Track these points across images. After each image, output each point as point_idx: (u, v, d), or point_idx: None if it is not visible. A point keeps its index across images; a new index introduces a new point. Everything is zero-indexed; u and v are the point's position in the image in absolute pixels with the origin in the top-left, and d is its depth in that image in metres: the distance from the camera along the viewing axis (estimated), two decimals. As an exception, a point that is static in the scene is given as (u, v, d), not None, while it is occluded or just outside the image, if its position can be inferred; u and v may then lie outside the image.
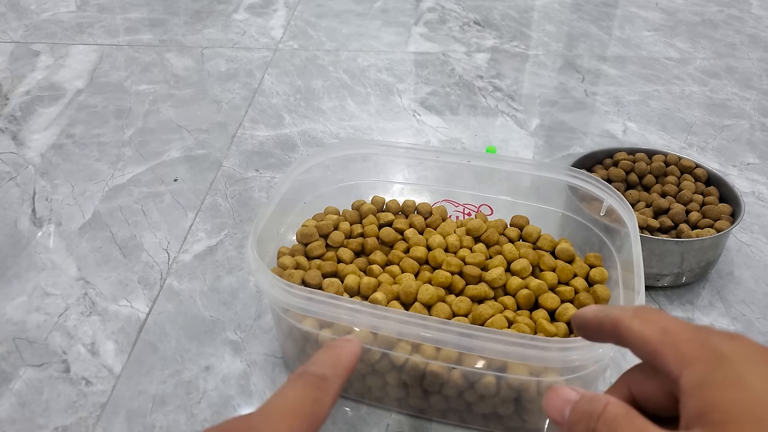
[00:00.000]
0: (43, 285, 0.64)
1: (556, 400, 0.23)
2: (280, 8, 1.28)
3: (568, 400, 0.23)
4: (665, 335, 0.22)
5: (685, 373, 0.21)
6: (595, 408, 0.21)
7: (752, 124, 0.93)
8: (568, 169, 0.57)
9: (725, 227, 0.62)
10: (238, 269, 0.66)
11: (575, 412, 0.22)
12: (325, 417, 0.26)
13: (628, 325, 0.23)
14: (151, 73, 1.03)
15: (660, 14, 1.28)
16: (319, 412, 0.26)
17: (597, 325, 0.25)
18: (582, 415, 0.22)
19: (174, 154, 0.84)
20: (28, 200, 0.75)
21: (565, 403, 0.23)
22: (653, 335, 0.22)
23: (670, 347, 0.22)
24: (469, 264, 0.53)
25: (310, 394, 0.26)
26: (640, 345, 0.23)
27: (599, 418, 0.21)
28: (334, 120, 0.92)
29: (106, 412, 0.52)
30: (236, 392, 0.53)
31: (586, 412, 0.21)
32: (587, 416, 0.21)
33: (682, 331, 0.22)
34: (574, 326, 0.27)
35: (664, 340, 0.22)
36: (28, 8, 1.26)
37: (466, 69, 1.06)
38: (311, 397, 0.26)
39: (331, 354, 0.29)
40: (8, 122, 0.90)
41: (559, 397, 0.23)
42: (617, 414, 0.21)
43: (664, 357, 0.22)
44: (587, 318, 0.26)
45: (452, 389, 0.47)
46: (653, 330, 0.22)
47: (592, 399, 0.22)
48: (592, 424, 0.21)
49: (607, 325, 0.24)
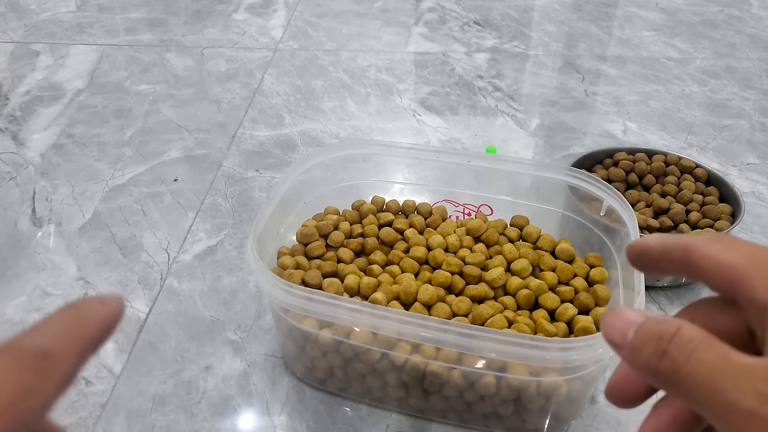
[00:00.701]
0: (43, 285, 0.64)
1: (619, 322, 0.20)
2: (280, 8, 1.28)
3: (632, 322, 0.20)
4: (755, 259, 0.20)
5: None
6: (666, 329, 0.19)
7: (752, 124, 0.93)
8: (568, 169, 0.57)
9: (725, 227, 0.62)
10: (238, 269, 0.66)
11: (641, 333, 0.20)
12: (45, 411, 0.18)
13: (705, 251, 0.21)
14: (151, 73, 1.03)
15: (660, 14, 1.28)
16: (32, 407, 0.18)
17: (660, 252, 0.22)
18: (650, 336, 0.19)
19: (174, 154, 0.84)
20: (28, 200, 0.75)
21: (629, 324, 0.20)
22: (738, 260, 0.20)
23: (760, 272, 0.19)
24: (469, 264, 0.53)
25: (16, 381, 0.18)
26: (721, 271, 0.20)
27: (672, 339, 0.19)
28: (334, 120, 0.92)
29: (106, 412, 0.52)
30: (236, 392, 0.53)
31: (655, 334, 0.19)
32: (657, 337, 0.19)
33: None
34: (629, 256, 0.24)
35: (751, 264, 0.20)
36: (28, 8, 1.26)
37: (466, 69, 1.06)
38: (19, 386, 0.17)
39: (66, 319, 0.20)
40: (8, 122, 0.90)
41: (620, 319, 0.20)
42: (694, 336, 0.18)
43: (752, 281, 0.19)
44: (650, 246, 0.23)
45: (452, 389, 0.47)
46: (739, 255, 0.20)
47: (663, 321, 0.19)
48: (663, 345, 0.19)
49: (675, 252, 0.22)
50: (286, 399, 0.53)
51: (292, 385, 0.54)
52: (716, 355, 0.18)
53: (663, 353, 0.19)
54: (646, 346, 0.19)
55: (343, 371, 0.50)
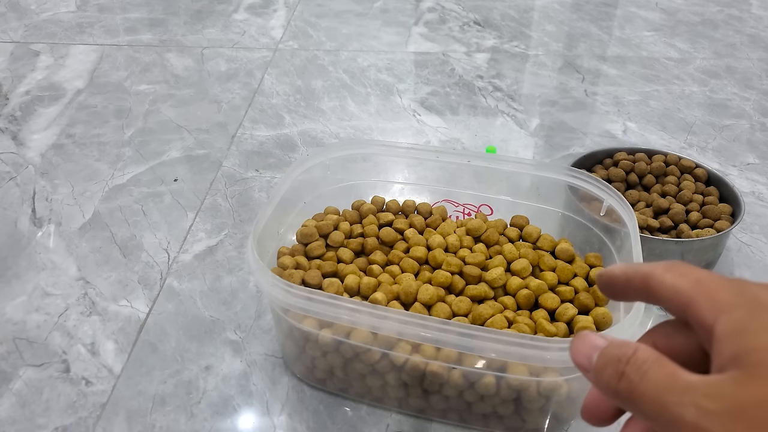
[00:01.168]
0: (43, 285, 0.64)
1: (584, 347, 0.23)
2: (280, 8, 1.28)
3: (596, 346, 0.22)
4: (700, 285, 0.22)
5: (721, 320, 0.20)
6: (624, 352, 0.21)
7: (752, 124, 0.93)
8: (568, 169, 0.57)
9: (725, 227, 0.62)
10: (238, 269, 0.66)
11: (603, 356, 0.22)
12: None
13: (661, 279, 0.23)
14: (151, 73, 1.03)
15: (660, 14, 1.28)
16: None
17: (624, 281, 0.24)
18: (610, 359, 0.21)
19: (174, 154, 0.84)
20: (28, 200, 0.75)
21: (593, 349, 0.22)
22: (687, 286, 0.22)
23: (704, 296, 0.21)
24: (469, 264, 0.53)
25: None
26: (673, 297, 0.22)
27: (629, 361, 0.21)
28: (334, 120, 0.92)
29: (106, 412, 0.52)
30: (236, 392, 0.54)
31: (614, 357, 0.21)
32: (616, 360, 0.21)
33: (716, 280, 0.22)
34: (598, 285, 0.26)
35: (698, 290, 0.21)
36: (28, 8, 1.26)
37: (466, 69, 1.06)
38: None
39: None
40: (8, 122, 0.90)
41: (586, 344, 0.23)
42: (647, 358, 0.20)
43: (699, 305, 0.21)
44: (615, 274, 0.25)
45: (452, 389, 0.47)
46: (687, 281, 0.22)
47: (622, 345, 0.21)
48: (621, 367, 0.21)
49: (637, 280, 0.24)
50: (286, 399, 0.53)
51: (292, 385, 0.54)
52: (665, 375, 0.20)
53: (621, 375, 0.21)
54: (607, 368, 0.21)
55: (343, 371, 0.50)
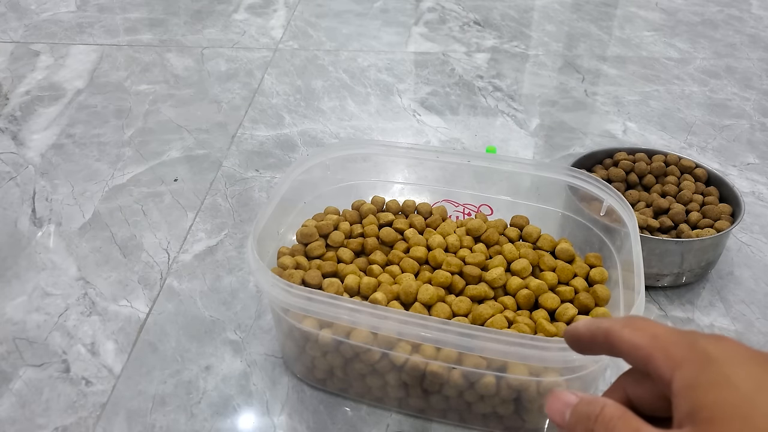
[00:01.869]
0: (43, 285, 0.64)
1: (557, 404, 0.24)
2: (280, 8, 1.28)
3: (568, 404, 0.24)
4: (655, 340, 0.23)
5: (676, 375, 0.22)
6: (592, 410, 0.23)
7: (752, 124, 0.93)
8: (568, 169, 0.57)
9: (725, 227, 0.62)
10: (238, 269, 0.66)
11: (574, 414, 0.23)
12: None
13: (619, 335, 0.24)
14: (151, 73, 1.03)
15: (660, 14, 1.28)
16: None
17: (590, 338, 0.26)
18: (580, 417, 0.23)
19: (174, 154, 0.84)
20: (28, 200, 0.75)
21: (565, 407, 0.24)
22: (644, 342, 0.23)
23: (660, 352, 0.23)
24: (469, 264, 0.53)
25: None
26: (632, 352, 0.24)
27: (596, 419, 0.22)
28: (334, 120, 0.92)
29: (106, 412, 0.52)
30: (236, 392, 0.54)
31: (584, 414, 0.23)
32: (585, 418, 0.23)
33: (670, 335, 0.23)
34: (567, 341, 0.28)
35: (654, 345, 0.23)
36: (28, 8, 1.26)
37: (466, 69, 1.06)
38: None
39: None
40: (8, 122, 0.90)
41: (559, 401, 0.24)
42: (613, 415, 0.22)
43: (656, 361, 0.23)
44: (579, 332, 0.26)
45: (452, 389, 0.47)
46: (643, 337, 0.23)
47: (590, 402, 0.23)
48: (590, 425, 0.22)
49: (599, 337, 0.25)
50: (286, 399, 0.53)
51: (292, 385, 0.54)
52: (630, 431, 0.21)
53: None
54: (578, 426, 0.23)
55: (343, 371, 0.50)
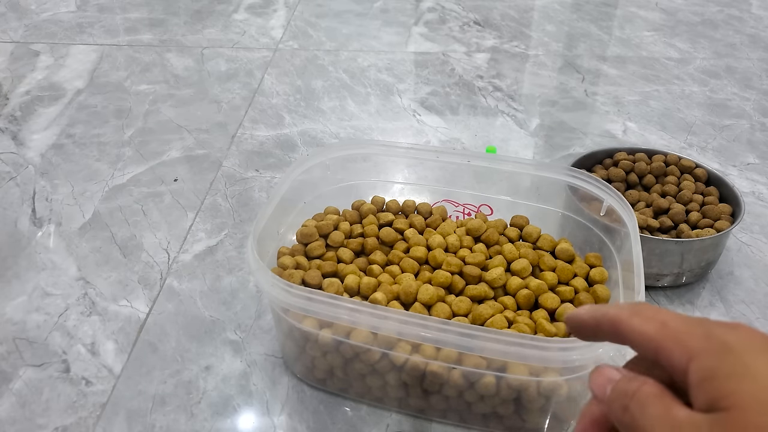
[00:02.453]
0: (43, 285, 0.64)
1: (601, 379, 0.24)
2: (280, 8, 1.28)
3: (611, 379, 0.24)
4: (665, 330, 0.23)
5: (692, 366, 0.21)
6: (631, 387, 0.23)
7: (752, 124, 0.93)
8: (568, 169, 0.57)
9: (725, 227, 0.62)
10: (238, 269, 0.66)
11: (614, 390, 0.24)
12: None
13: (628, 324, 0.24)
14: (151, 73, 1.03)
15: (660, 14, 1.28)
16: None
17: (594, 324, 0.26)
18: (619, 393, 0.23)
19: (174, 154, 0.84)
20: (28, 200, 0.75)
21: (608, 382, 0.24)
22: (654, 331, 0.23)
23: (672, 342, 0.22)
24: (469, 264, 0.53)
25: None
26: (642, 342, 0.23)
27: (633, 396, 0.22)
28: (334, 120, 0.92)
29: (106, 412, 0.52)
30: (236, 392, 0.53)
31: (622, 391, 0.23)
32: (623, 394, 0.23)
33: (682, 324, 0.23)
34: (568, 327, 0.27)
35: (665, 335, 0.23)
36: (28, 8, 1.26)
37: (466, 69, 1.06)
38: None
39: None
40: (8, 122, 0.90)
41: (603, 376, 0.25)
42: (649, 393, 0.22)
43: (668, 352, 0.22)
44: (583, 318, 0.26)
45: (452, 389, 0.47)
46: (654, 326, 0.23)
47: (631, 379, 0.23)
48: (626, 401, 0.22)
49: (605, 325, 0.25)
50: (286, 399, 0.53)
51: (292, 385, 0.54)
52: (661, 410, 0.21)
53: (626, 408, 0.22)
54: (616, 401, 0.23)
55: (343, 371, 0.50)
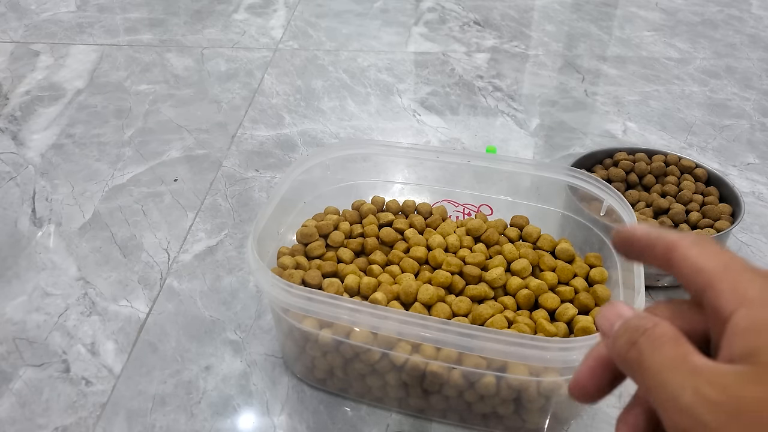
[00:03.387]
0: (43, 285, 0.64)
1: (610, 313, 0.22)
2: (280, 8, 1.28)
3: (621, 315, 0.22)
4: (726, 270, 0.21)
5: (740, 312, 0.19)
6: (643, 324, 0.21)
7: (752, 124, 0.93)
8: (568, 169, 0.57)
9: (725, 227, 0.62)
10: (238, 269, 0.66)
11: (624, 325, 0.21)
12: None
13: (686, 252, 0.22)
14: (151, 73, 1.03)
15: (660, 14, 1.28)
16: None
17: (645, 244, 0.23)
18: (629, 327, 0.21)
19: (174, 154, 0.84)
20: (28, 200, 0.75)
21: (618, 317, 0.22)
22: (713, 267, 0.21)
23: (728, 283, 0.20)
24: (469, 264, 0.53)
25: None
26: (695, 275, 0.21)
27: (645, 332, 0.20)
28: (334, 120, 0.92)
29: (106, 412, 0.52)
30: (236, 392, 0.53)
31: (633, 326, 0.21)
32: (633, 329, 0.21)
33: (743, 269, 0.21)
34: (615, 240, 0.25)
35: (723, 275, 0.20)
36: (28, 8, 1.26)
37: (466, 69, 1.06)
38: None
39: None
40: (8, 122, 0.90)
41: (613, 311, 0.22)
42: (664, 334, 0.20)
43: (720, 291, 0.20)
44: (636, 236, 0.24)
45: (452, 389, 0.47)
46: (714, 262, 0.21)
47: (644, 317, 0.21)
48: (636, 336, 0.20)
49: (659, 247, 0.23)
50: (286, 399, 0.53)
51: (292, 385, 0.54)
52: (676, 354, 0.19)
53: (633, 343, 0.20)
54: (624, 336, 0.21)
55: (343, 371, 0.50)
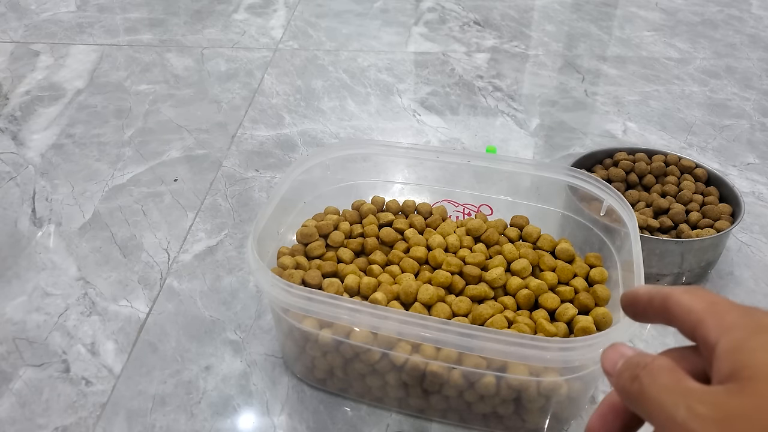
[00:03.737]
0: (43, 285, 0.64)
1: (614, 354, 0.25)
2: (280, 8, 1.28)
3: (623, 355, 0.24)
4: (712, 307, 0.23)
5: (723, 339, 0.22)
6: (644, 360, 0.23)
7: (752, 124, 0.93)
8: (568, 169, 0.57)
9: (725, 227, 0.62)
10: (238, 269, 0.66)
11: (626, 363, 0.24)
12: None
13: (678, 299, 0.24)
14: (151, 73, 1.03)
15: (660, 14, 1.28)
16: None
17: (647, 301, 0.26)
18: (630, 364, 0.23)
19: (174, 154, 0.84)
20: (28, 200, 0.75)
21: (620, 357, 0.24)
22: (700, 307, 0.23)
23: (714, 317, 0.22)
24: (469, 264, 0.53)
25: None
26: (686, 316, 0.23)
27: (645, 366, 0.22)
28: (334, 120, 0.92)
29: (106, 412, 0.52)
30: (236, 392, 0.53)
31: (634, 362, 0.23)
32: (634, 365, 0.23)
33: (729, 305, 0.23)
34: (622, 304, 0.27)
35: (709, 311, 0.23)
36: (28, 8, 1.26)
37: (466, 69, 1.06)
38: None
39: None
40: (8, 122, 0.90)
41: (616, 352, 0.25)
42: (662, 366, 0.22)
43: (706, 325, 0.22)
44: (638, 294, 0.26)
45: (452, 389, 0.47)
46: (701, 303, 0.23)
47: (645, 355, 0.23)
48: (638, 371, 0.23)
49: (657, 300, 0.25)
50: (286, 399, 0.53)
51: (292, 385, 0.54)
52: (672, 380, 0.21)
53: (635, 377, 0.23)
54: (626, 372, 0.23)
55: (343, 371, 0.50)
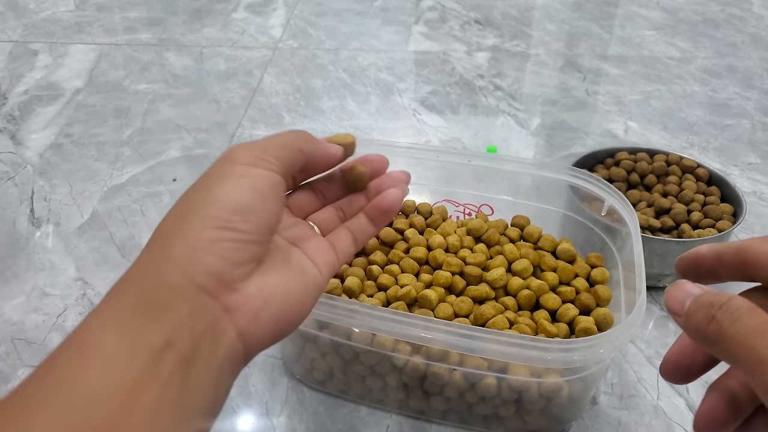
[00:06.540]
0: (42, 285, 0.63)
1: (679, 293, 0.23)
2: (279, 7, 1.27)
3: (691, 293, 0.23)
4: None
5: None
6: (718, 299, 0.21)
7: (754, 123, 0.92)
8: (569, 169, 0.57)
9: (727, 227, 0.61)
10: (237, 269, 0.65)
11: (696, 302, 0.22)
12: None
13: (760, 249, 0.22)
14: (150, 72, 1.03)
15: (661, 13, 1.28)
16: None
17: (714, 258, 0.24)
18: (703, 304, 0.22)
19: (173, 154, 0.83)
20: (26, 200, 0.75)
21: (687, 296, 0.23)
22: None
23: None
24: (470, 264, 0.53)
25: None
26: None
27: (721, 306, 0.21)
28: (334, 120, 0.91)
29: (104, 413, 0.51)
30: (236, 392, 0.53)
31: (707, 302, 0.21)
32: (708, 305, 0.21)
33: None
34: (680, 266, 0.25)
35: None
36: (27, 7, 1.25)
37: (467, 68, 1.06)
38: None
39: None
40: (6, 122, 0.90)
41: (682, 291, 0.23)
42: (741, 305, 0.21)
43: None
44: (702, 253, 0.24)
45: (453, 390, 0.47)
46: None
47: (717, 293, 0.22)
48: (713, 311, 0.21)
49: (729, 255, 0.23)
50: (286, 400, 0.53)
51: (291, 386, 0.54)
52: (757, 322, 0.20)
53: (711, 318, 0.21)
54: (698, 312, 0.22)
55: (342, 372, 0.50)
